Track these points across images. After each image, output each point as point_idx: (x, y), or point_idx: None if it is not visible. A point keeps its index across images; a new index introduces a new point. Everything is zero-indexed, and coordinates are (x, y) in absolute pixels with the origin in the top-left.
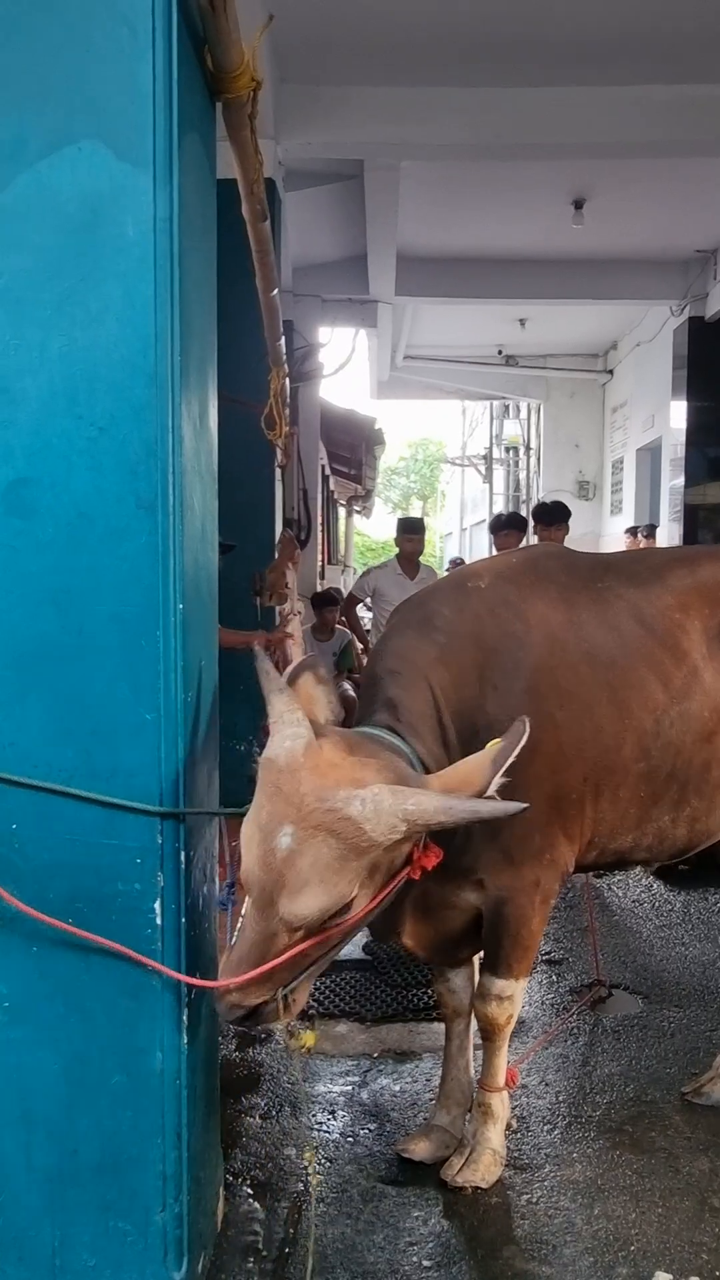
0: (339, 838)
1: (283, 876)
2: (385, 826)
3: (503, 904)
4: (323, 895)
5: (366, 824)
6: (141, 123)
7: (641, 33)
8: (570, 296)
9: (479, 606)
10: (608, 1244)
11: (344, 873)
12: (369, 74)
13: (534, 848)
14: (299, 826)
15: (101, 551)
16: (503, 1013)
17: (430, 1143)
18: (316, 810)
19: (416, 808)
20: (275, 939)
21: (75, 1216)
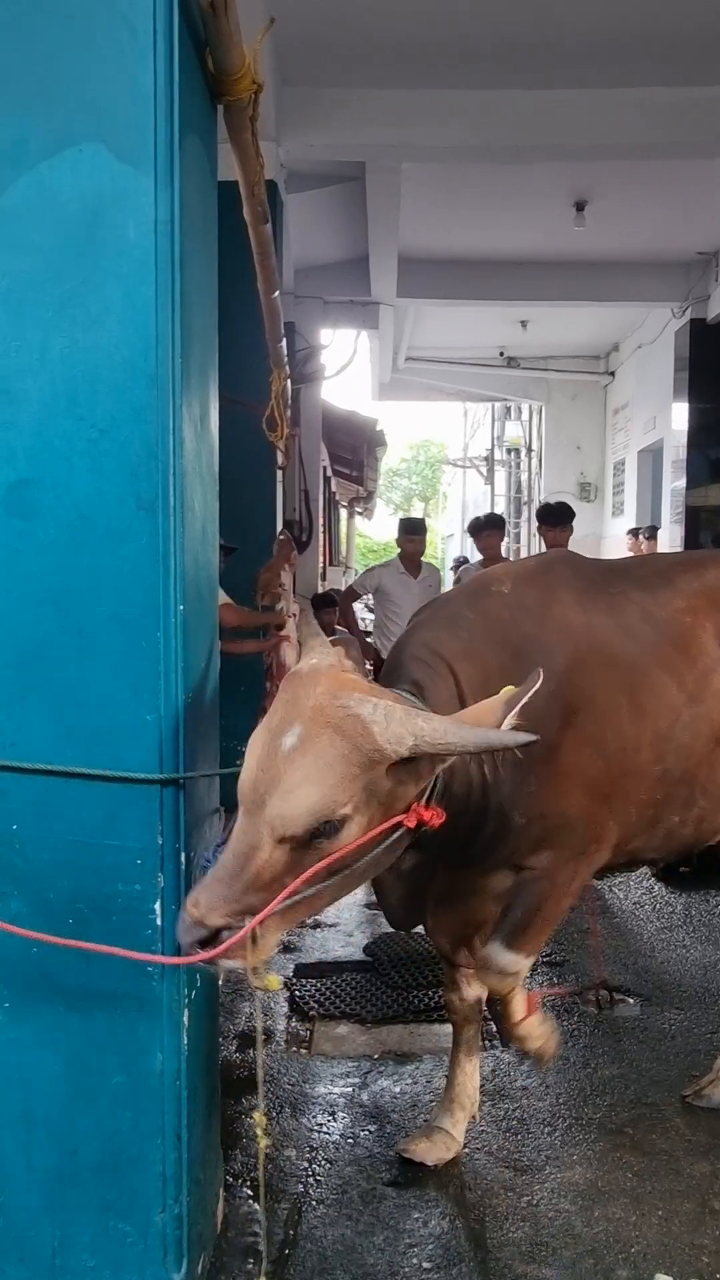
0: (345, 736)
1: (280, 775)
2: (393, 736)
3: (535, 879)
4: (314, 793)
5: (375, 727)
6: (142, 125)
7: (643, 35)
8: (572, 298)
9: (501, 610)
10: (608, 1246)
11: (342, 777)
12: (370, 76)
13: (575, 837)
14: (307, 725)
15: (102, 552)
16: (506, 985)
17: (432, 1143)
18: (328, 707)
19: (428, 725)
20: (258, 851)
21: (75, 1217)
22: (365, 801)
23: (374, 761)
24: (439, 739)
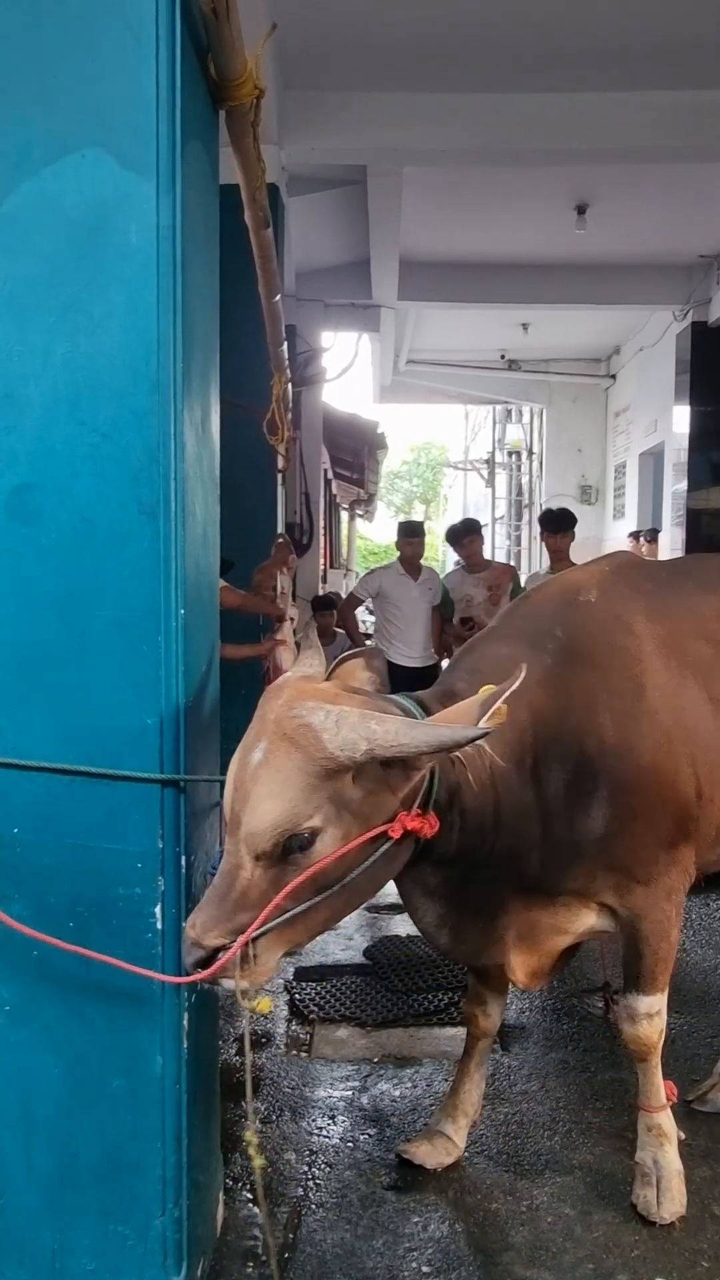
0: (298, 746)
1: (249, 791)
2: (345, 741)
3: (638, 920)
4: (275, 807)
5: (325, 734)
6: (145, 131)
7: (644, 38)
8: (573, 301)
9: (592, 624)
10: (608, 1250)
11: (301, 789)
12: (372, 80)
13: (661, 866)
14: (269, 739)
15: (104, 557)
16: (654, 1029)
17: (433, 1147)
18: (283, 718)
19: (380, 727)
20: (240, 870)
21: (75, 1220)
22: (335, 813)
23: (331, 770)
24: (391, 740)
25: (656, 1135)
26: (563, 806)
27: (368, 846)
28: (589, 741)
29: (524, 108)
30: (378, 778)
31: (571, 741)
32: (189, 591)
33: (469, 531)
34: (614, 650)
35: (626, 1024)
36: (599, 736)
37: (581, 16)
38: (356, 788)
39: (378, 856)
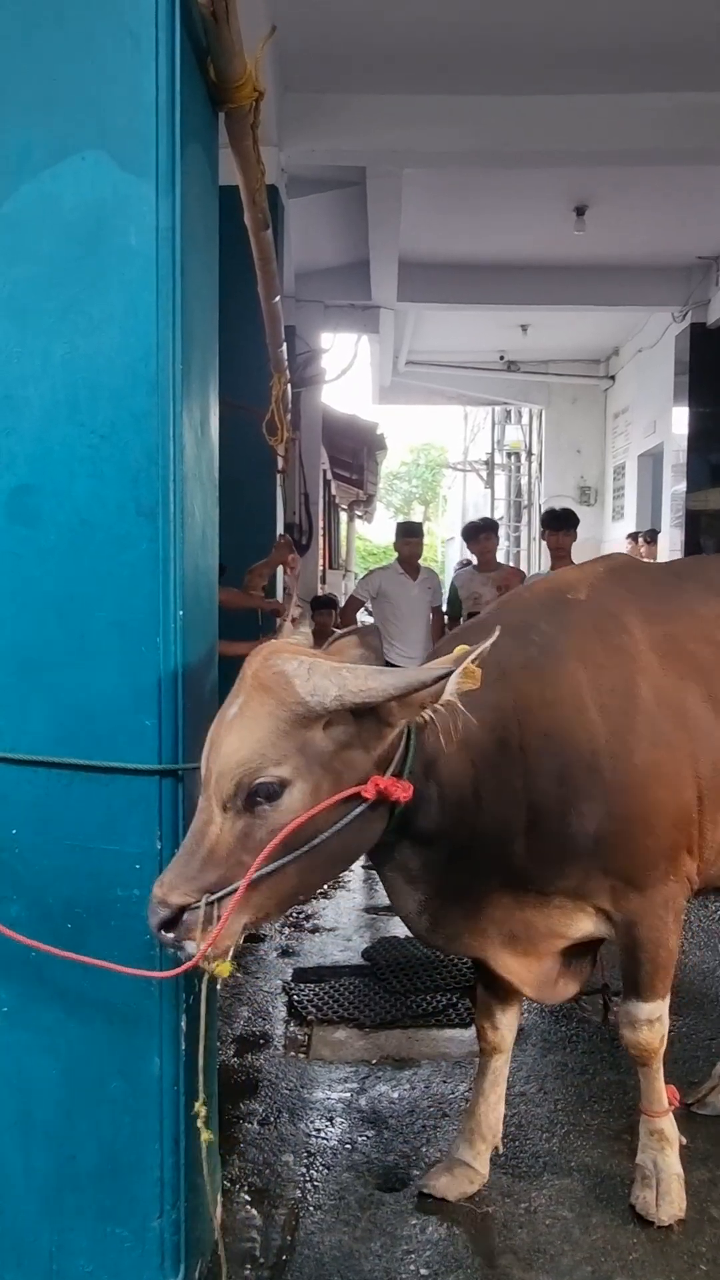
0: (270, 693)
1: (220, 744)
2: (316, 687)
3: (634, 927)
4: (241, 747)
5: (296, 680)
6: (145, 133)
7: (644, 40)
8: (572, 303)
9: (583, 620)
10: (606, 1253)
11: (269, 732)
12: (371, 81)
13: (660, 871)
14: (244, 693)
15: (103, 558)
16: (655, 1035)
17: (454, 1178)
18: (259, 670)
19: (350, 674)
20: (210, 825)
21: (73, 1222)
22: (305, 766)
23: (301, 716)
24: (360, 685)
25: (658, 1139)
26: (553, 800)
27: (340, 808)
28: (579, 736)
29: (523, 109)
30: (350, 733)
31: (560, 734)
32: (188, 593)
33: (486, 529)
34: (607, 648)
35: (627, 1030)
36: (590, 733)
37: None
38: (328, 740)
39: (350, 819)
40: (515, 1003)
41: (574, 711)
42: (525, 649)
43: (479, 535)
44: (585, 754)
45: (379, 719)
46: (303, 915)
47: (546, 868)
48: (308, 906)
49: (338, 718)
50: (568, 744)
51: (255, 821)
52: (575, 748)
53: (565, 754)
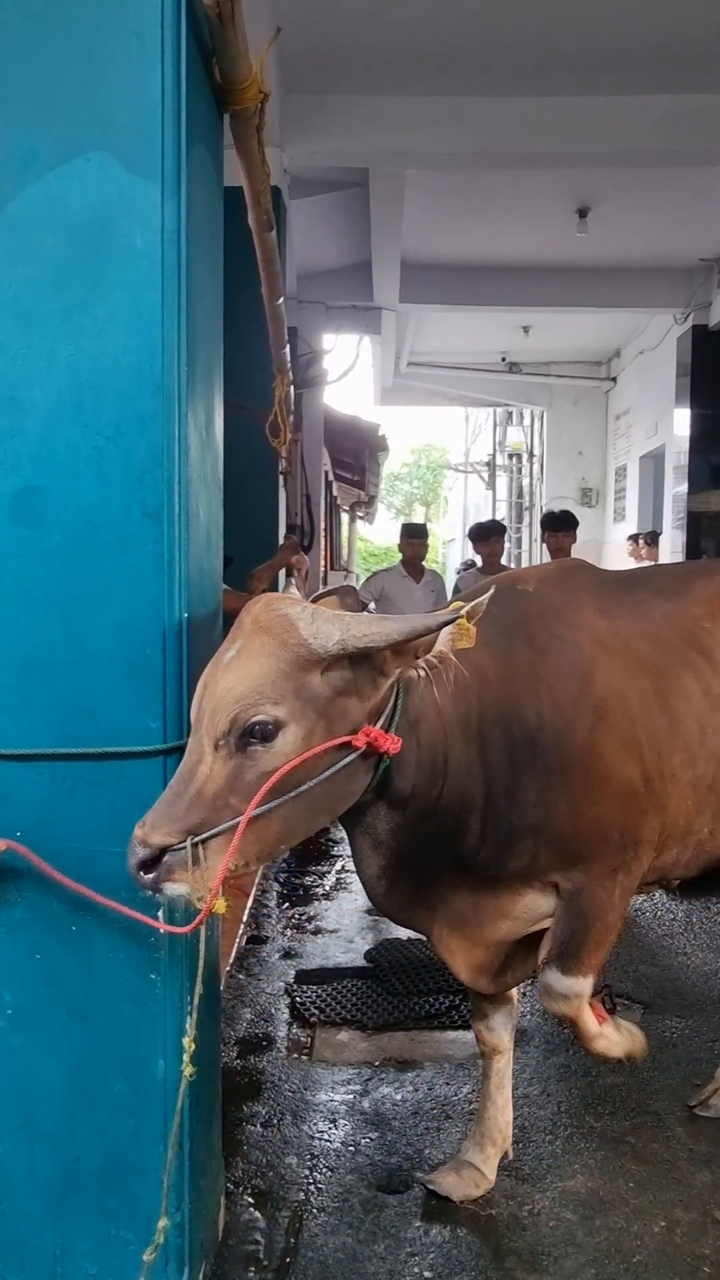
0: (272, 634)
1: (216, 683)
2: (319, 630)
3: (578, 895)
4: (239, 683)
5: (300, 623)
6: (150, 134)
7: (646, 42)
8: (574, 304)
9: (529, 609)
10: (610, 1256)
11: (268, 671)
12: (374, 83)
13: (611, 845)
14: (243, 636)
15: (108, 560)
16: (571, 1008)
17: (460, 1179)
18: (260, 614)
19: (355, 622)
20: (200, 764)
21: (76, 1224)
22: (300, 710)
23: (303, 659)
24: (363, 631)
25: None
26: (505, 776)
27: (330, 755)
28: (528, 714)
29: (526, 111)
30: (347, 680)
31: (512, 711)
32: (192, 594)
33: (496, 531)
34: (551, 637)
35: (544, 998)
36: (537, 711)
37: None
38: (325, 685)
39: (339, 768)
40: (507, 1000)
41: (526, 690)
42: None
43: (489, 537)
44: (532, 731)
45: (374, 668)
46: (305, 917)
47: (500, 851)
48: (309, 908)
49: (335, 664)
50: (519, 722)
51: (246, 763)
52: (524, 726)
53: (517, 732)
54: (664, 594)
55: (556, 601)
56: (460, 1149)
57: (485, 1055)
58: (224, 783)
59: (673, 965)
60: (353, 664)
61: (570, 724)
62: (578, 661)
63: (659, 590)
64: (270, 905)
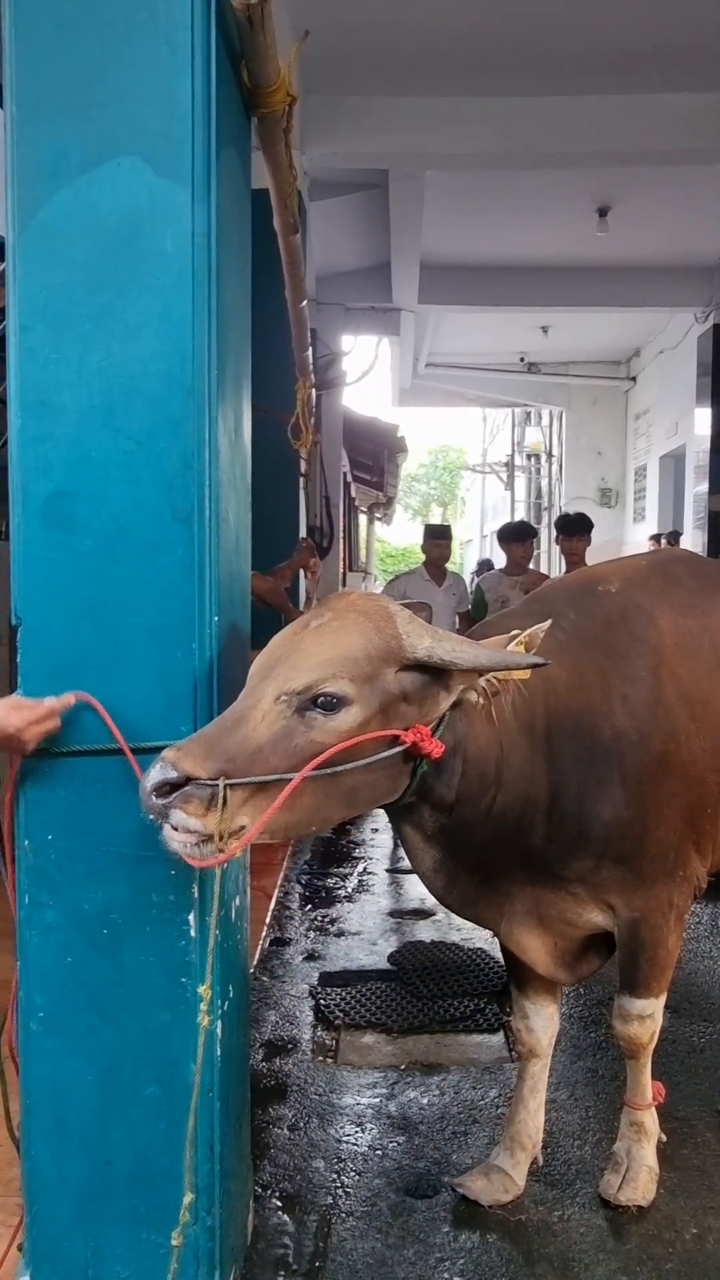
0: (370, 619)
1: (301, 644)
2: (413, 632)
3: (637, 925)
4: (326, 650)
5: (399, 619)
6: (180, 139)
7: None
8: (594, 304)
9: (610, 610)
10: (640, 1262)
11: (357, 649)
12: (393, 84)
13: (668, 866)
14: (338, 612)
15: (138, 564)
16: (645, 1031)
17: (490, 1184)
18: (359, 601)
19: (447, 636)
20: (255, 709)
21: (108, 1229)
22: (369, 698)
23: (390, 652)
24: (452, 648)
25: (637, 1130)
26: (573, 783)
27: (376, 744)
28: (601, 723)
29: (545, 111)
30: (415, 687)
31: (584, 719)
32: (222, 598)
33: (524, 534)
34: (633, 640)
35: (618, 1022)
36: (611, 720)
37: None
38: (396, 684)
39: (380, 758)
40: (551, 1002)
41: (599, 699)
42: (553, 635)
43: (525, 539)
44: (606, 740)
45: (440, 684)
46: (328, 919)
47: (563, 850)
48: (332, 910)
49: (410, 669)
50: (591, 730)
51: (300, 727)
52: (598, 734)
53: (589, 740)
54: None
55: (641, 600)
56: (490, 1154)
57: (522, 1057)
58: (270, 738)
59: (699, 970)
60: (424, 674)
61: (646, 735)
62: (658, 669)
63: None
64: (293, 907)
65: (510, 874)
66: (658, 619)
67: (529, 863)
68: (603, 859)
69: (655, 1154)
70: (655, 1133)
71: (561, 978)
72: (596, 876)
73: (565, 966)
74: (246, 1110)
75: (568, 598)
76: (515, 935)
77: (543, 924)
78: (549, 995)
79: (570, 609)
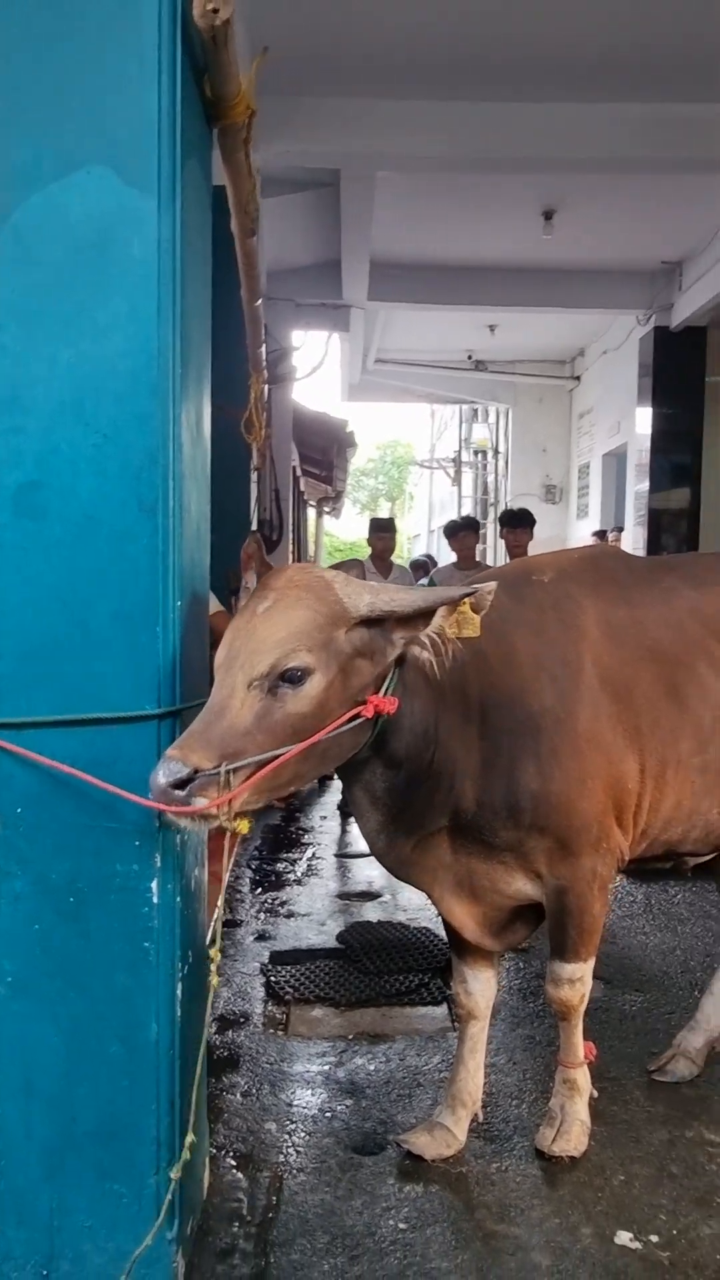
0: (311, 591)
1: (255, 630)
2: (353, 592)
3: (563, 893)
4: (281, 631)
5: (337, 585)
6: (147, 149)
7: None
8: (539, 305)
9: (543, 599)
10: (572, 1206)
11: (307, 623)
12: (345, 86)
13: (591, 838)
14: (279, 592)
15: (106, 552)
16: (575, 994)
17: (433, 1139)
18: (296, 576)
19: (381, 589)
20: (232, 698)
21: (73, 1181)
22: (327, 661)
23: (337, 616)
24: (390, 598)
25: (570, 1087)
26: (504, 753)
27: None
28: (530, 700)
29: (494, 117)
30: (364, 642)
31: (514, 695)
32: (184, 585)
33: (467, 527)
34: (563, 627)
35: (550, 986)
36: (540, 698)
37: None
38: (347, 643)
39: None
40: (488, 968)
41: (529, 678)
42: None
43: (459, 533)
44: (535, 714)
45: (384, 637)
46: (278, 902)
47: (493, 817)
48: (282, 893)
49: (357, 627)
50: (520, 705)
51: (274, 704)
52: (527, 709)
53: (515, 713)
54: (694, 582)
55: (572, 591)
56: (433, 1112)
57: (461, 1020)
58: (253, 720)
59: (633, 944)
60: (370, 629)
61: (572, 713)
62: (584, 653)
63: (690, 578)
64: (244, 891)
65: (445, 841)
66: (588, 608)
67: (463, 831)
68: (530, 829)
69: (587, 1109)
70: (587, 1089)
71: (488, 944)
72: (525, 846)
73: (493, 934)
74: (203, 1071)
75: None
76: (447, 902)
77: (474, 893)
78: (486, 961)
79: (503, 594)
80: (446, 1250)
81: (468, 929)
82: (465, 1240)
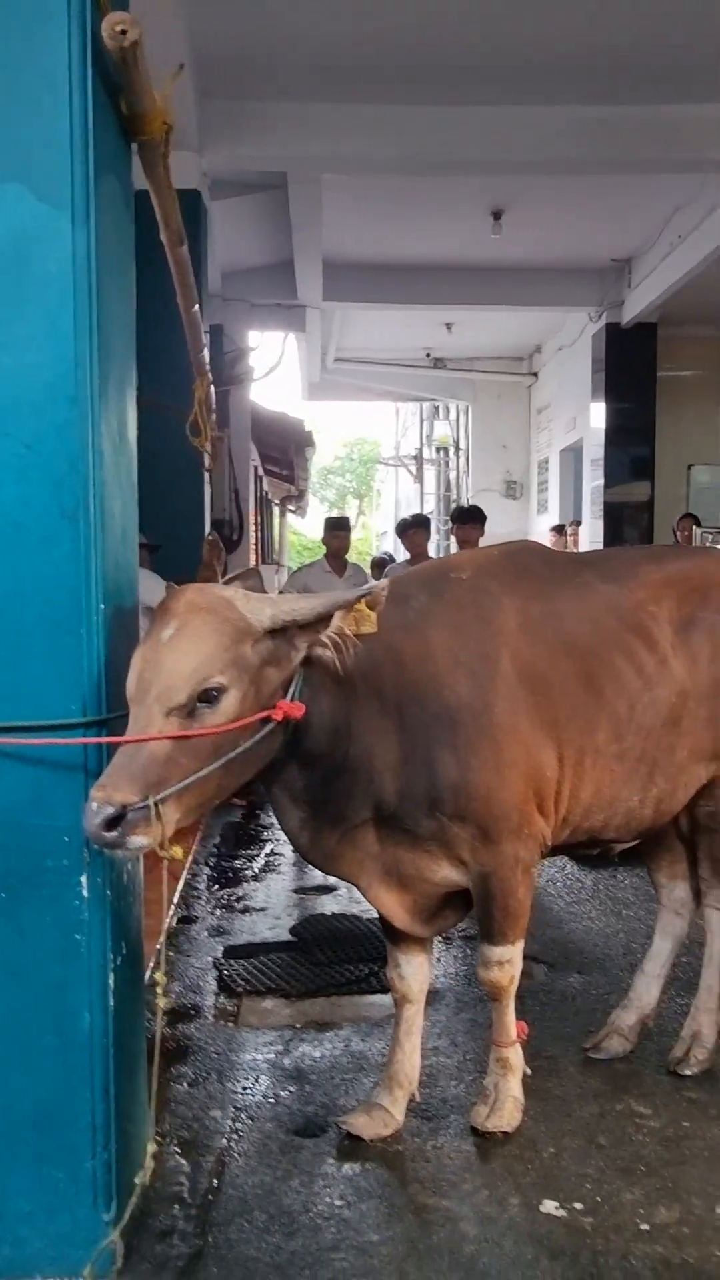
0: (214, 613)
1: (162, 659)
2: (254, 609)
3: (487, 879)
4: (194, 659)
5: (237, 602)
6: (60, 168)
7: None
8: (493, 303)
9: (461, 595)
10: (502, 1178)
11: (216, 646)
12: (291, 90)
13: (512, 825)
14: (181, 616)
15: (30, 558)
16: (505, 975)
17: (371, 1120)
18: (196, 598)
19: (280, 600)
20: (150, 729)
21: (10, 1166)
22: (238, 676)
23: (242, 632)
24: (290, 607)
25: (503, 1066)
26: (421, 745)
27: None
28: (446, 694)
29: (440, 120)
30: (270, 652)
31: (429, 689)
32: (109, 588)
33: (415, 524)
34: (480, 621)
35: (481, 969)
36: (456, 691)
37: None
38: (254, 656)
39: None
40: (420, 952)
41: (445, 671)
42: (403, 613)
43: (409, 530)
44: (451, 708)
45: (288, 643)
46: (234, 897)
47: (415, 807)
48: (239, 889)
49: (262, 638)
50: (434, 697)
51: (194, 725)
52: (443, 702)
53: (431, 706)
54: (611, 578)
55: (490, 586)
56: (372, 1092)
57: (397, 1003)
58: (173, 744)
59: (577, 929)
60: (273, 638)
61: (488, 705)
62: (501, 647)
63: (606, 574)
64: (200, 887)
65: (371, 833)
66: (505, 603)
67: (387, 822)
68: (452, 818)
69: (521, 1086)
70: (520, 1067)
71: (419, 930)
72: (448, 835)
73: (423, 921)
74: (141, 1058)
75: (420, 583)
76: (375, 891)
77: (401, 881)
78: (418, 945)
79: (422, 592)
80: (379, 1224)
81: (398, 917)
82: (398, 1214)
